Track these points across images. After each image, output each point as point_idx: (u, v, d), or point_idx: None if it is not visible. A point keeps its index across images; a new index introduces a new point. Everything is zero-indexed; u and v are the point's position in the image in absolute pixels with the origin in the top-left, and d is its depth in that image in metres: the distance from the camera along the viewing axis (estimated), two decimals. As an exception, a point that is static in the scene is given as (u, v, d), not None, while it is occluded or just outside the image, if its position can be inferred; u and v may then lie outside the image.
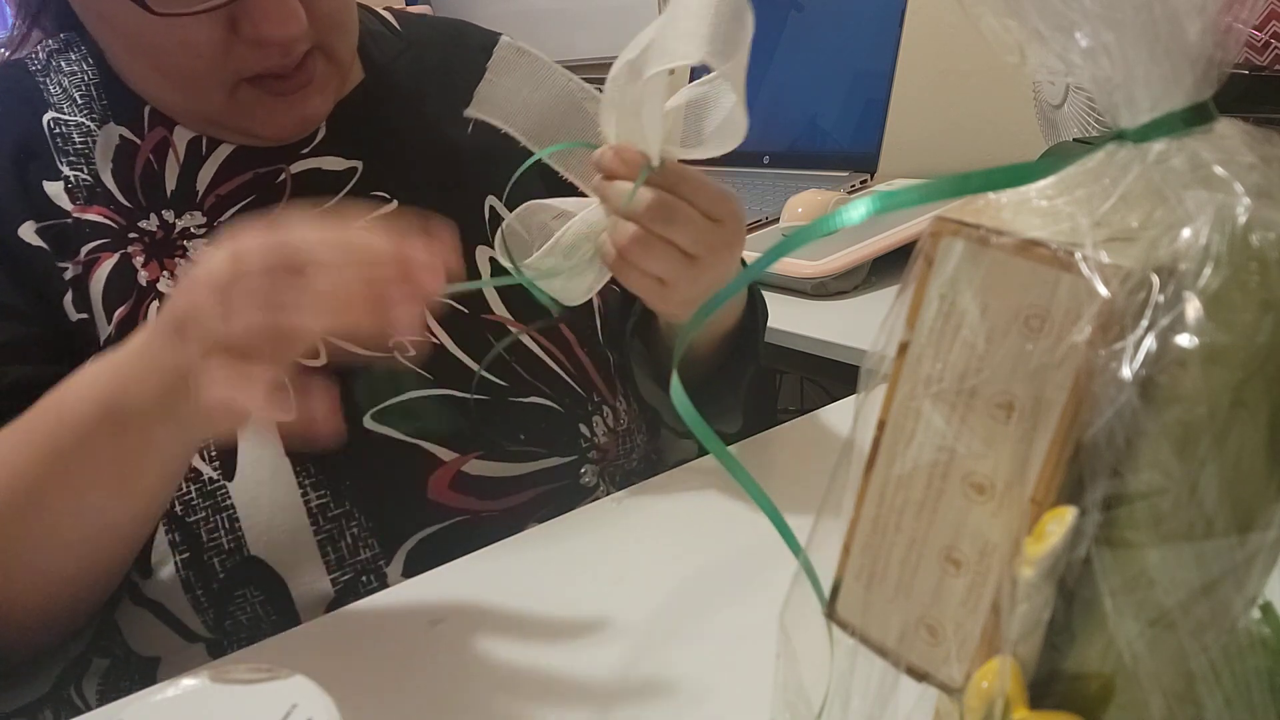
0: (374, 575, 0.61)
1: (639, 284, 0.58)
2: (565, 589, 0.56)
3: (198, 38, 0.58)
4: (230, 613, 0.59)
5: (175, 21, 0.57)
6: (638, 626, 0.52)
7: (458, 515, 0.63)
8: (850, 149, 1.32)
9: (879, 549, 0.30)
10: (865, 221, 0.28)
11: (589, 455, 0.69)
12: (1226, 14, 0.26)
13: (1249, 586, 0.25)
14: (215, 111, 0.63)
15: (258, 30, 0.58)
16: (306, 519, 0.59)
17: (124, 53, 0.63)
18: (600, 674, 0.48)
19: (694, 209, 0.56)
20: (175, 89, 0.63)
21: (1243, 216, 0.24)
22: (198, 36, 0.58)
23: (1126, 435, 0.24)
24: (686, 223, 0.55)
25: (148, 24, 0.57)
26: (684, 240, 0.56)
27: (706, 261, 0.57)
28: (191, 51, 0.58)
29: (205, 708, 0.34)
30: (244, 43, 0.59)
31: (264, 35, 0.58)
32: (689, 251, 0.56)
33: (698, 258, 0.56)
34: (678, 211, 0.55)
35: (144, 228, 0.63)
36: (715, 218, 0.56)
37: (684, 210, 0.55)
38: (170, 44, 0.58)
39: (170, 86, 0.63)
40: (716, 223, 0.57)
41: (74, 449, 0.49)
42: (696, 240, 0.56)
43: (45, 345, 0.60)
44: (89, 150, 0.63)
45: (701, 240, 0.56)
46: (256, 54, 0.59)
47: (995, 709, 0.26)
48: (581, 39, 2.14)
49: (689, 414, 0.33)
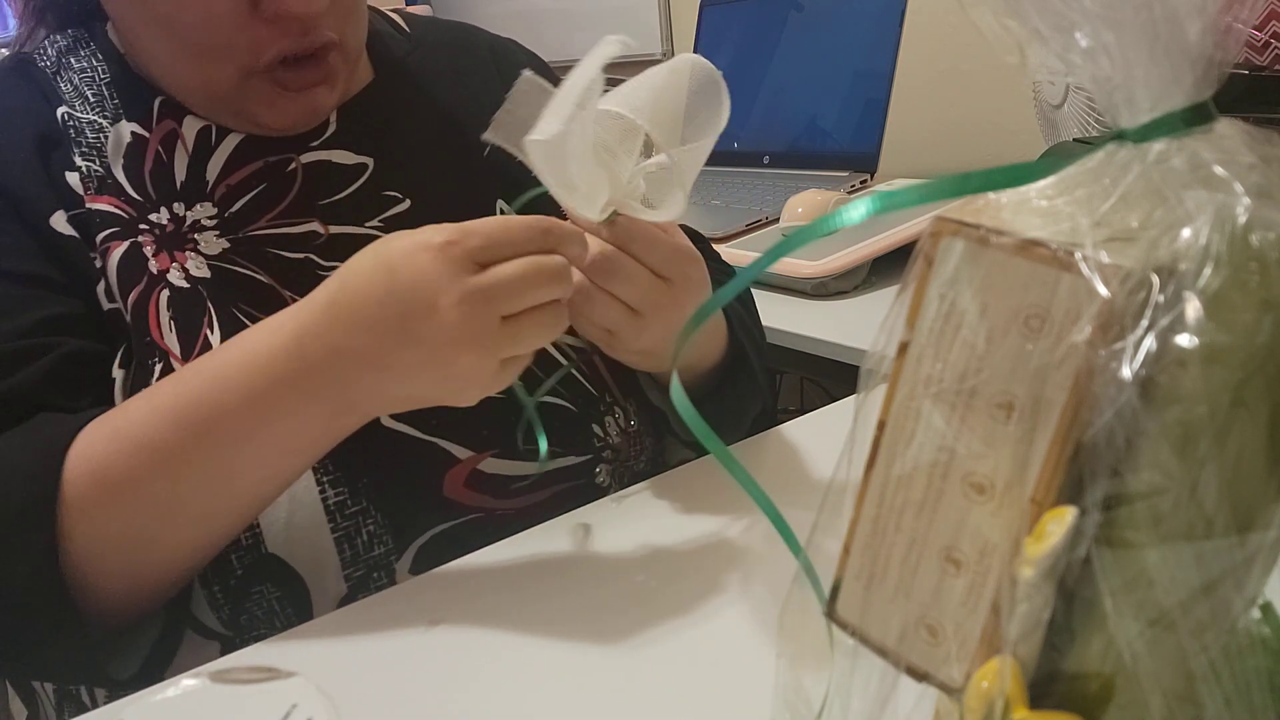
0: (384, 572, 0.62)
1: (586, 330, 0.60)
2: (564, 588, 0.56)
3: (219, 8, 0.58)
4: (246, 609, 0.59)
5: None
6: (637, 626, 0.52)
7: (472, 513, 0.63)
8: (850, 149, 1.32)
9: (879, 549, 0.30)
10: (865, 221, 0.28)
11: (603, 455, 0.69)
12: (1226, 14, 0.26)
13: (1249, 586, 0.25)
14: (225, 92, 0.63)
15: (279, 4, 0.58)
16: (324, 516, 0.59)
17: (142, 26, 0.63)
18: (599, 673, 0.48)
19: (641, 266, 0.56)
20: (188, 62, 0.62)
21: (1243, 216, 0.24)
22: (219, 6, 0.58)
23: (1126, 435, 0.24)
24: (630, 279, 0.56)
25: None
26: (627, 295, 0.57)
27: (650, 318, 0.57)
28: (211, 22, 0.59)
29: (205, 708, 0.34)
30: (264, 21, 0.59)
31: (285, 10, 0.58)
32: (633, 307, 0.57)
33: (641, 314, 0.57)
34: (622, 267, 0.56)
35: (154, 220, 0.63)
36: (665, 276, 0.57)
37: (629, 266, 0.56)
38: (191, 14, 0.59)
39: (183, 59, 0.63)
40: (665, 281, 0.57)
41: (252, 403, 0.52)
42: (641, 297, 0.57)
43: (93, 323, 0.61)
44: (101, 145, 0.64)
45: (646, 298, 0.57)
46: (274, 32, 0.60)
47: (995, 709, 0.26)
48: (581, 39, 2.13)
49: (689, 414, 0.33)
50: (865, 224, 1.00)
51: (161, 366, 0.59)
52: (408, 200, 0.69)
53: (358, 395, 0.53)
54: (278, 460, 0.55)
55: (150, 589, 0.57)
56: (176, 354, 0.60)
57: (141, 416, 0.53)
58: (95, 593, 0.54)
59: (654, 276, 0.57)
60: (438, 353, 0.50)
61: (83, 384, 0.58)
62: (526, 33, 0.92)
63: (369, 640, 0.53)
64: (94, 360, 0.60)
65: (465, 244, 0.49)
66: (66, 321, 0.60)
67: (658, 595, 0.54)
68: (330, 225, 0.66)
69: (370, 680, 0.49)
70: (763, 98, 1.45)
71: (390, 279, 0.50)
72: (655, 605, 0.53)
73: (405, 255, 0.50)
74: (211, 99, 0.65)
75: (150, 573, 0.56)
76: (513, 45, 0.83)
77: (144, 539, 0.54)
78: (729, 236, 1.19)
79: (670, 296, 0.58)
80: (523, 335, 0.51)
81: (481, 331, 0.50)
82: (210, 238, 0.63)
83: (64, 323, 0.60)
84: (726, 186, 1.38)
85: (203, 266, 0.63)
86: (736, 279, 0.32)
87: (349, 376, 0.52)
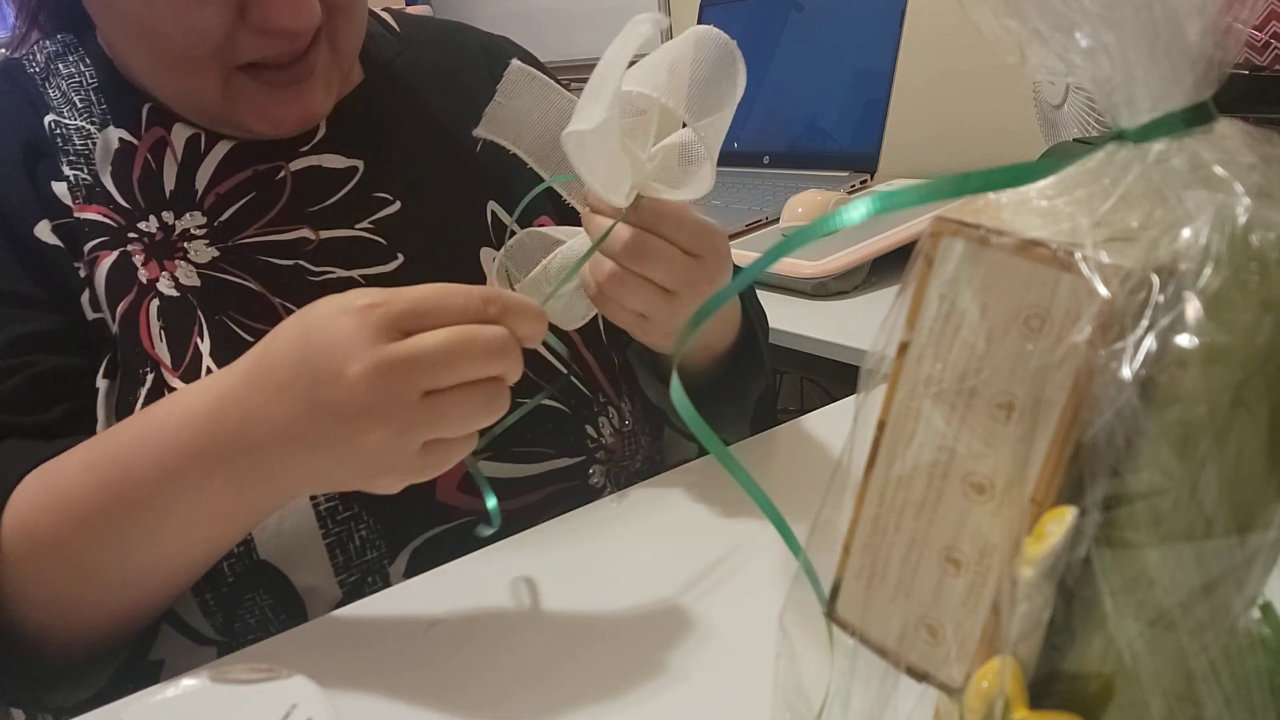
0: (378, 575, 0.61)
1: (619, 317, 0.59)
2: (564, 588, 0.56)
3: (204, 24, 0.57)
4: (239, 615, 0.59)
5: (182, 5, 0.56)
6: (637, 626, 0.52)
7: (466, 516, 0.63)
8: (850, 149, 1.32)
9: (879, 549, 0.30)
10: (865, 221, 0.28)
11: (597, 456, 0.69)
12: (1226, 14, 0.26)
13: (1249, 586, 0.25)
14: (211, 102, 0.62)
15: (268, 19, 0.57)
16: (315, 522, 0.59)
17: (123, 38, 0.63)
18: (599, 674, 0.48)
19: (672, 245, 0.56)
20: (173, 76, 0.62)
21: (1243, 216, 0.24)
22: (204, 23, 0.57)
23: (1126, 435, 0.24)
24: (662, 259, 0.56)
25: (153, 7, 0.57)
26: (660, 277, 0.56)
27: (685, 296, 0.57)
28: (196, 36, 0.58)
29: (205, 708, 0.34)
30: (250, 30, 0.58)
31: (275, 25, 0.57)
32: (666, 287, 0.56)
33: (676, 293, 0.57)
34: (653, 249, 0.55)
35: (143, 229, 0.63)
36: (694, 253, 0.56)
37: (660, 247, 0.55)
38: (175, 28, 0.58)
39: (168, 73, 0.62)
40: (696, 258, 0.56)
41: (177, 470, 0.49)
42: (673, 276, 0.56)
43: (71, 338, 0.60)
44: (89, 152, 0.63)
45: (679, 276, 0.56)
46: (260, 42, 0.59)
47: (995, 709, 0.26)
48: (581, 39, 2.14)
49: (688, 413, 0.33)
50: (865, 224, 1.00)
51: (153, 376, 0.59)
52: (398, 202, 0.68)
53: (269, 467, 0.48)
54: (193, 530, 0.51)
55: (89, 641, 0.55)
56: (167, 364, 0.60)
57: (74, 473, 0.51)
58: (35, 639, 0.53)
59: (684, 254, 0.56)
60: (346, 426, 0.45)
61: (55, 402, 0.58)
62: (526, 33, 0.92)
63: (369, 641, 0.53)
64: (69, 377, 0.59)
65: (388, 308, 0.45)
66: (41, 339, 0.59)
67: (657, 595, 0.54)
68: (320, 230, 0.65)
69: (370, 680, 0.49)
70: (763, 98, 1.45)
71: (305, 342, 0.46)
72: (655, 605, 0.53)
73: (323, 319, 0.46)
74: (199, 108, 0.64)
75: (84, 629, 0.54)
76: (505, 43, 0.82)
77: (69, 598, 0.53)
78: (729, 236, 1.19)
79: (703, 271, 0.57)
80: (447, 415, 0.46)
81: (394, 406, 0.44)
82: (200, 246, 0.63)
83: (38, 340, 0.59)
84: (726, 186, 1.38)
85: (192, 275, 0.62)
86: (737, 279, 0.32)
87: (261, 446, 0.47)
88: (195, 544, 0.53)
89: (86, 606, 0.53)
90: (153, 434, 0.50)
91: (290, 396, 0.46)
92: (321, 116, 0.67)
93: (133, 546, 0.51)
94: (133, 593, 0.54)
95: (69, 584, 0.52)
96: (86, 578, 0.52)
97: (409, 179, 0.69)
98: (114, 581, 0.53)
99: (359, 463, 0.47)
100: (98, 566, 0.51)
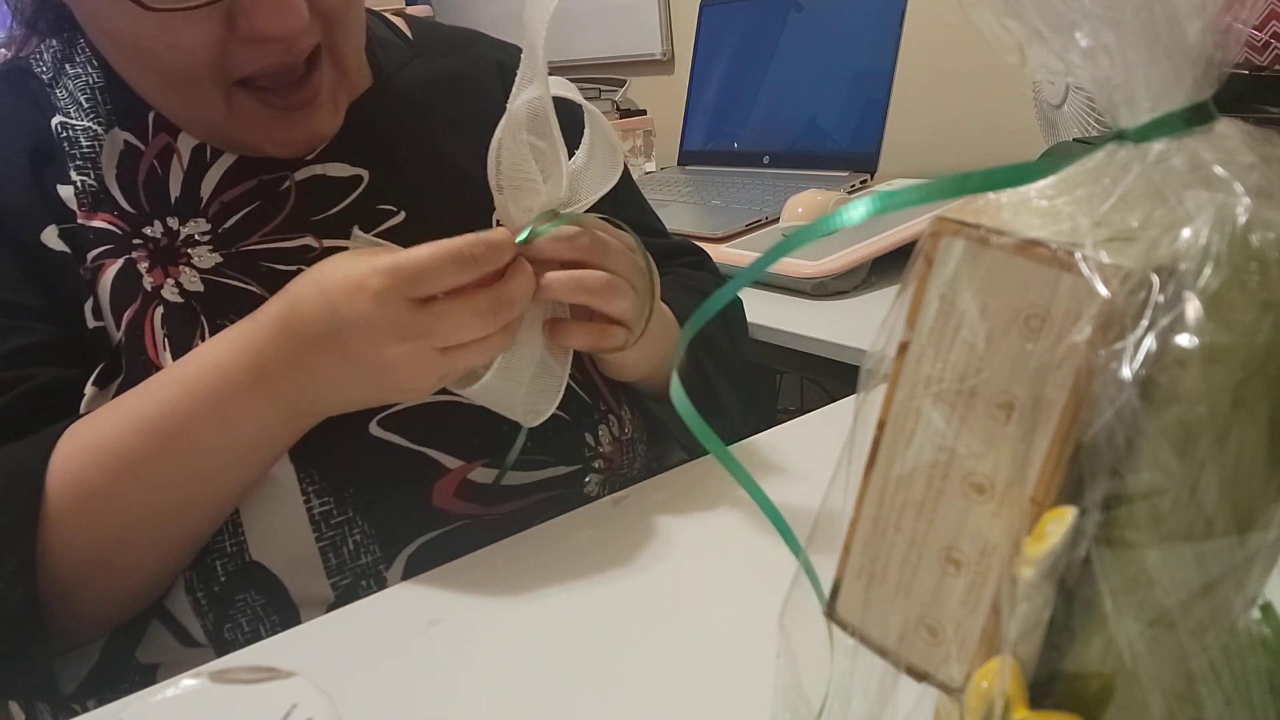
0: (374, 580, 0.61)
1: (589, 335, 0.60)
2: (564, 589, 0.56)
3: (193, 39, 0.56)
4: (231, 616, 0.59)
5: (169, 22, 0.55)
6: (637, 626, 0.52)
7: (461, 520, 0.63)
8: (850, 149, 1.32)
9: (879, 549, 0.30)
10: (865, 221, 0.28)
11: (594, 465, 0.68)
12: (1226, 14, 0.26)
13: (1249, 586, 0.25)
14: (217, 122, 0.61)
15: (253, 26, 0.56)
16: (309, 526, 0.59)
17: (121, 58, 0.62)
18: (599, 674, 0.48)
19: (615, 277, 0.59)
20: (174, 96, 0.61)
21: (1243, 216, 0.24)
22: (193, 38, 0.56)
23: (1126, 435, 0.24)
24: (617, 253, 0.59)
25: (141, 26, 0.56)
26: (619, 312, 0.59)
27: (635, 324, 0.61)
28: (187, 54, 0.57)
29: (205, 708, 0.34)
30: (242, 41, 0.57)
31: (260, 31, 0.56)
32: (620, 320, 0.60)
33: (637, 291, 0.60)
34: (606, 245, 0.58)
35: (148, 234, 0.62)
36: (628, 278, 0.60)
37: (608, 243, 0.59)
38: (164, 47, 0.57)
39: (169, 93, 0.61)
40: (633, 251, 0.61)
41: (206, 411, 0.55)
42: (625, 308, 0.60)
43: (70, 349, 0.61)
44: (96, 154, 0.63)
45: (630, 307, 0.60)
46: (255, 53, 0.58)
47: (995, 709, 0.26)
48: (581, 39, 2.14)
49: (688, 413, 0.33)
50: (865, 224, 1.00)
51: None
52: (402, 213, 0.68)
53: (308, 403, 0.57)
54: (241, 460, 0.57)
55: (126, 595, 0.58)
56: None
57: (111, 429, 0.55)
58: (71, 604, 0.55)
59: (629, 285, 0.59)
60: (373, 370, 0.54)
61: (53, 415, 0.58)
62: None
63: (368, 640, 0.53)
64: (68, 388, 0.59)
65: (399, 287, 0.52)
66: (40, 351, 0.60)
67: (657, 595, 0.54)
68: (324, 239, 0.65)
69: (370, 680, 0.49)
70: (763, 98, 1.45)
71: (333, 315, 0.53)
72: (654, 605, 0.53)
73: (347, 295, 0.52)
74: (208, 131, 0.64)
75: (127, 577, 0.57)
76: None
77: (121, 544, 0.56)
78: (729, 236, 1.19)
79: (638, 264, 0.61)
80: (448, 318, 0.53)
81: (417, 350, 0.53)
82: (204, 252, 0.63)
83: (38, 353, 0.60)
84: (726, 186, 1.38)
85: (196, 280, 0.62)
86: (737, 279, 0.32)
87: (302, 387, 0.55)
88: (243, 472, 0.58)
89: (136, 551, 0.57)
90: (197, 384, 0.55)
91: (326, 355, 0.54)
92: (330, 136, 0.66)
93: (185, 484, 0.56)
94: (179, 528, 0.58)
95: (123, 530, 0.56)
96: (139, 520, 0.56)
97: (413, 190, 0.69)
98: (165, 520, 0.57)
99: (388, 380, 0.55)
100: (153, 507, 0.56)
